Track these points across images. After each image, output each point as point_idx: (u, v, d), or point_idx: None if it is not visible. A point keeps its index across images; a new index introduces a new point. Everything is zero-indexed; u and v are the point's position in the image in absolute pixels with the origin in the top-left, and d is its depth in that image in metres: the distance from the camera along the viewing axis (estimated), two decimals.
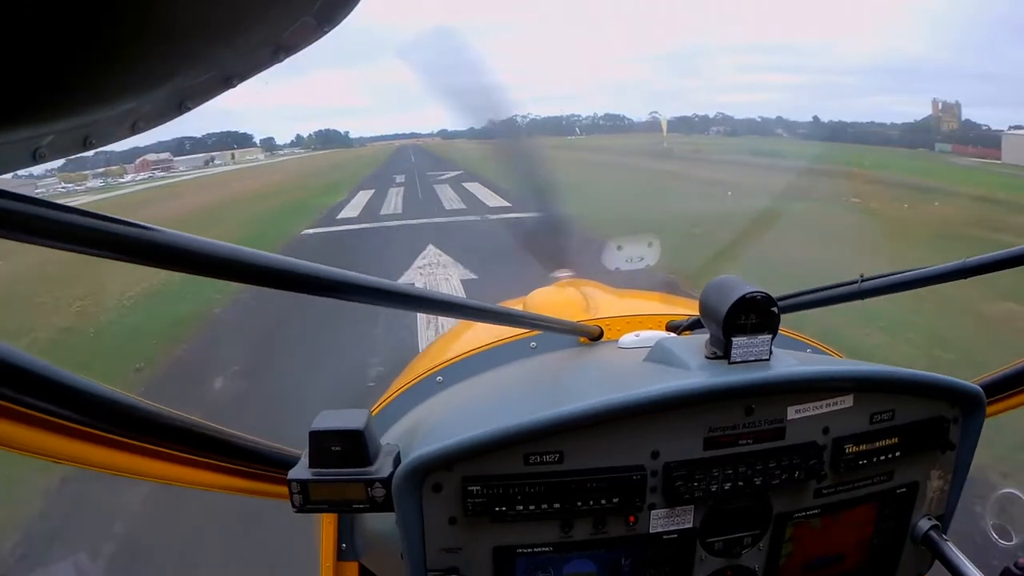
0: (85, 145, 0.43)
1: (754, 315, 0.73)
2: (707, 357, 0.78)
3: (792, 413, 0.78)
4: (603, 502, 0.75)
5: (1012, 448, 2.98)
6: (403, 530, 0.75)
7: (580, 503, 0.75)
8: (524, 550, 0.77)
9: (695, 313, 1.03)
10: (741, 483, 0.77)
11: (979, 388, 0.83)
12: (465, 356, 1.12)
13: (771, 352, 0.76)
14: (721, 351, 0.76)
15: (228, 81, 0.47)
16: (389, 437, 0.97)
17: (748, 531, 0.81)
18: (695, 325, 1.09)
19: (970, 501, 0.99)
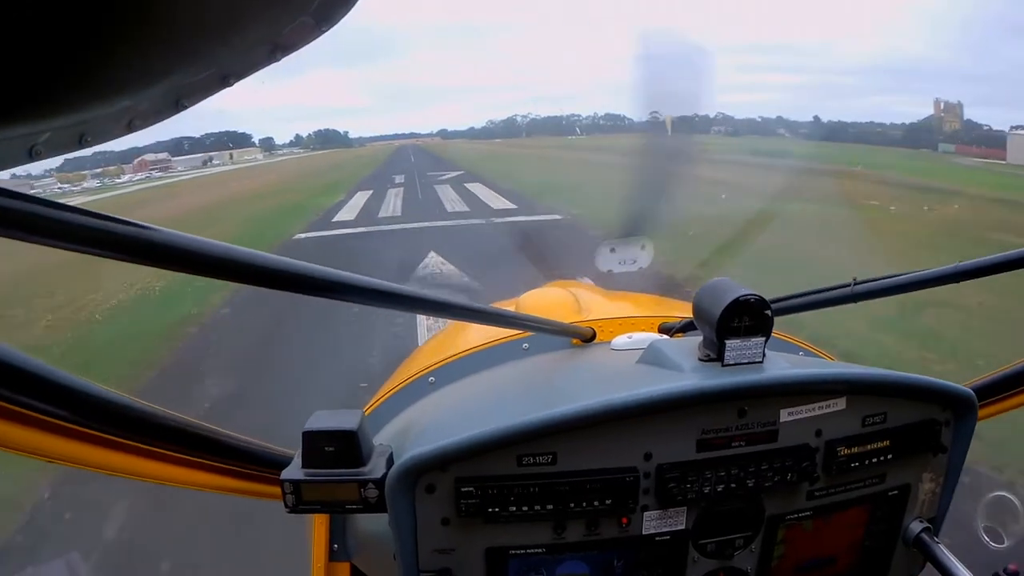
0: (81, 143, 0.43)
1: (747, 318, 0.73)
2: (700, 359, 0.78)
3: (785, 415, 0.78)
4: (596, 503, 0.75)
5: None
6: (396, 531, 0.75)
7: (573, 504, 0.75)
8: (517, 551, 0.77)
9: (687, 315, 1.05)
10: (734, 485, 0.78)
11: (971, 391, 0.84)
12: (457, 357, 1.12)
13: (764, 355, 0.76)
14: (714, 353, 0.77)
15: (225, 80, 0.48)
16: (381, 438, 0.97)
17: (740, 533, 0.82)
18: (688, 327, 1.09)
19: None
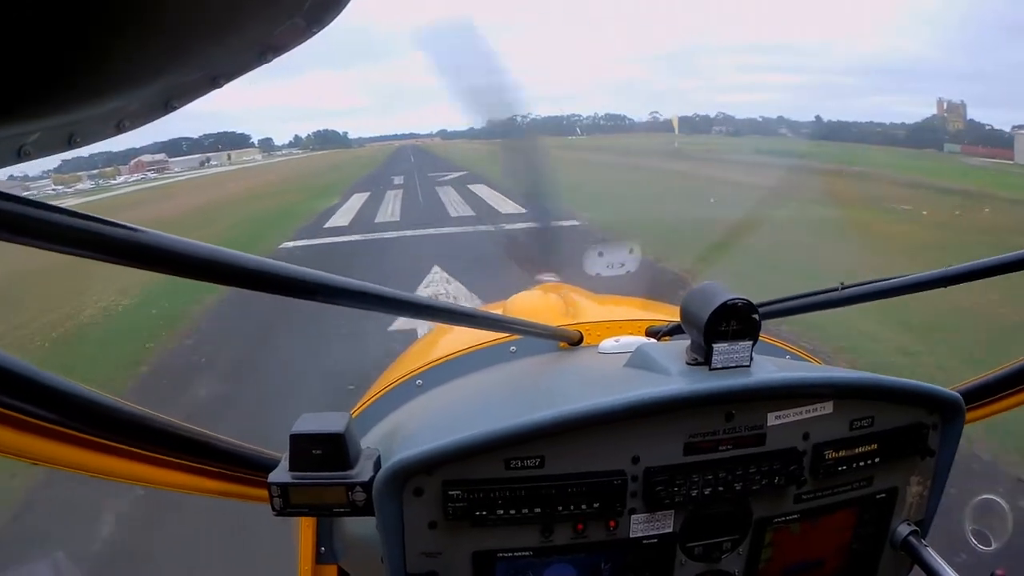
0: (70, 143, 0.43)
1: (735, 322, 0.73)
2: (688, 363, 0.78)
3: (772, 419, 0.78)
4: (584, 507, 0.75)
5: None
6: (383, 534, 0.75)
7: (561, 508, 0.75)
8: (504, 554, 0.77)
9: (675, 319, 1.05)
10: (721, 488, 0.78)
11: (958, 395, 0.84)
12: (445, 360, 1.11)
13: (752, 359, 0.76)
14: (702, 357, 0.77)
15: (215, 81, 0.47)
16: (368, 440, 0.97)
17: (728, 536, 0.82)
18: (675, 331, 1.09)
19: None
